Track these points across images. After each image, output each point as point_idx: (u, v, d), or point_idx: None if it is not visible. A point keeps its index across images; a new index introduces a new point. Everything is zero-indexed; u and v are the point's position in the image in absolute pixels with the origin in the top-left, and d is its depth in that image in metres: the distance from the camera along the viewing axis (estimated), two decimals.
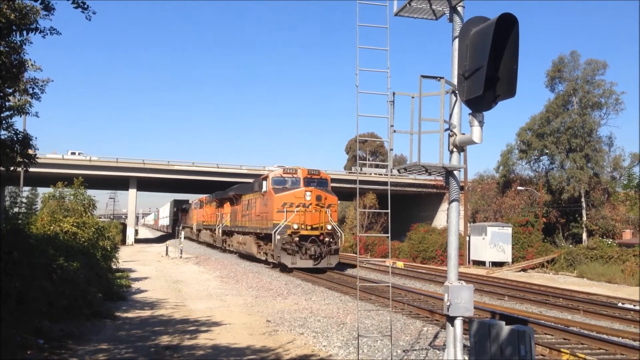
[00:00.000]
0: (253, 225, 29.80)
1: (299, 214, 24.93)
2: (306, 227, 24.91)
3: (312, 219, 25.04)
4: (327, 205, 25.66)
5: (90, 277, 13.96)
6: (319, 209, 25.15)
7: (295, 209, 25.00)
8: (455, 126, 6.24)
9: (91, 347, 9.77)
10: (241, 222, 33.37)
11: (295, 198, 25.37)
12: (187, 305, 15.14)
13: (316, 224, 25.09)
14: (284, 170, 27.35)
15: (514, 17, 5.60)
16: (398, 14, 6.92)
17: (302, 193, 25.44)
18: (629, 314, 16.40)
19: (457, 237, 6.35)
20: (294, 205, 25.16)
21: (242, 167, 58.81)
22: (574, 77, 47.20)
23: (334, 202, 26.89)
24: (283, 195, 25.60)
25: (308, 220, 24.96)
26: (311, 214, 25.03)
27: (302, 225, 24.88)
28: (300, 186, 26.04)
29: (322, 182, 26.97)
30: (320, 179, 26.99)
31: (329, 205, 25.85)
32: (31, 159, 10.51)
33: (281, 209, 25.17)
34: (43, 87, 11.55)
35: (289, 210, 25.06)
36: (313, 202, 25.22)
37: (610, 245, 34.48)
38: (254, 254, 29.90)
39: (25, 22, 9.03)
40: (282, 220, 24.95)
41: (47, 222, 16.16)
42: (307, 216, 24.95)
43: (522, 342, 6.10)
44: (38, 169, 26.24)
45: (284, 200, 25.37)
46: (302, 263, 24.68)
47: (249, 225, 30.89)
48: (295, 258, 24.69)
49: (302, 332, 11.51)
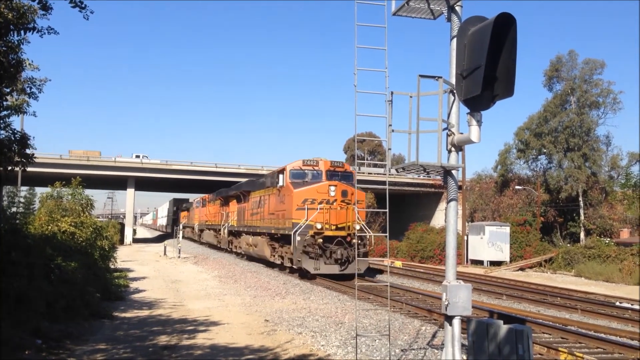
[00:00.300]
0: (266, 225, 26.64)
1: (322, 211, 21.70)
2: (331, 227, 21.66)
3: (337, 217, 21.86)
4: (354, 201, 22.36)
5: (88, 277, 13.95)
6: (344, 206, 21.98)
7: (318, 206, 21.83)
8: (453, 125, 6.24)
9: (89, 347, 9.76)
10: (250, 221, 30.39)
11: (317, 193, 22.18)
12: (185, 305, 15.13)
13: (342, 224, 21.89)
14: (304, 162, 23.71)
15: (512, 17, 5.61)
16: (396, 14, 6.92)
17: (325, 188, 22.19)
18: (626, 312, 16.42)
19: (455, 236, 6.36)
20: (316, 201, 22.05)
21: (241, 166, 58.79)
22: (571, 77, 47.22)
23: (362, 199, 24.11)
24: (303, 191, 22.47)
25: (333, 219, 21.77)
26: (336, 212, 21.81)
27: (327, 225, 21.60)
28: (322, 180, 22.86)
29: (347, 176, 23.69)
30: (345, 172, 23.71)
31: (356, 202, 22.58)
32: (29, 158, 10.52)
33: (301, 206, 22.01)
34: (41, 87, 11.57)
35: (311, 208, 21.92)
36: (338, 198, 22.15)
37: (608, 245, 34.53)
38: (266, 257, 26.76)
39: (23, 22, 9.03)
40: (302, 219, 21.81)
41: (45, 222, 16.14)
42: (332, 214, 21.72)
43: (520, 341, 6.11)
44: (36, 169, 26.24)
45: (304, 196, 22.28)
46: (327, 269, 21.35)
47: (261, 225, 27.63)
48: (319, 263, 21.42)
49: (301, 331, 11.51)
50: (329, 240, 21.56)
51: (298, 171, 23.55)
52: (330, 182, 22.54)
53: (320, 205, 21.88)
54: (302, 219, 21.79)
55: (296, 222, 21.95)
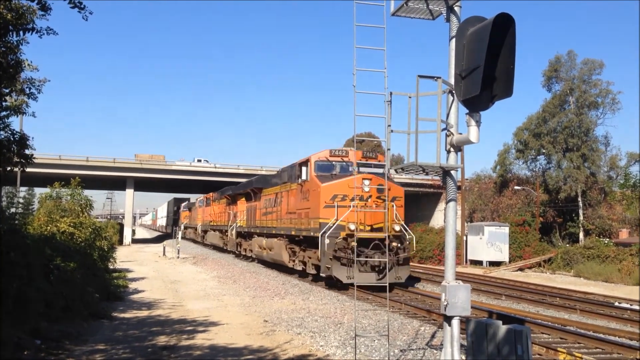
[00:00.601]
0: (284, 226, 23.49)
1: (355, 210, 18.61)
2: (365, 228, 18.62)
3: (373, 217, 18.70)
4: (391, 198, 19.59)
5: (87, 277, 13.95)
6: (380, 203, 18.76)
7: (351, 204, 18.74)
8: (452, 126, 6.25)
9: (88, 347, 9.76)
10: (263, 221, 27.41)
11: (348, 188, 18.86)
12: (184, 306, 15.13)
13: (379, 224, 18.64)
14: (331, 153, 20.62)
15: (510, 17, 5.62)
16: (395, 14, 6.93)
17: (358, 181, 18.63)
18: (625, 313, 16.44)
19: (454, 236, 6.37)
20: (347, 197, 18.94)
21: (240, 167, 58.85)
22: (570, 77, 47.23)
23: (400, 195, 20.52)
24: (332, 185, 19.24)
25: (368, 219, 18.70)
26: (372, 211, 18.69)
27: (361, 226, 18.51)
28: (353, 173, 19.67)
29: (381, 166, 20.06)
30: (378, 164, 20.19)
31: (393, 199, 19.72)
32: (28, 159, 10.51)
33: (330, 204, 18.89)
34: (40, 87, 11.56)
35: (342, 205, 18.82)
36: (373, 194, 18.88)
37: (607, 245, 34.55)
38: (284, 262, 23.47)
39: (22, 22, 9.02)
40: (331, 218, 18.65)
41: (44, 223, 16.13)
42: (368, 213, 18.66)
43: (519, 342, 6.12)
44: (35, 169, 26.22)
45: (333, 191, 19.09)
46: (362, 277, 17.90)
47: (278, 226, 24.50)
48: (352, 270, 18.14)
49: (300, 332, 11.51)
50: (364, 243, 18.14)
51: (325, 163, 20.47)
52: (364, 175, 19.16)
53: (353, 203, 18.67)
54: (331, 219, 18.69)
55: (324, 222, 18.82)
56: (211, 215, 45.13)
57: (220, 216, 40.73)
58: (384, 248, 17.56)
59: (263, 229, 27.23)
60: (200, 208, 52.61)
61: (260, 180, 29.91)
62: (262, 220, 27.52)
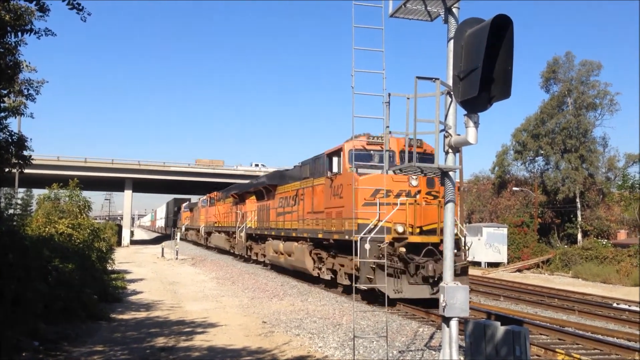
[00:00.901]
0: (308, 228, 20.01)
1: (403, 208, 15.32)
2: (415, 231, 15.32)
3: (424, 216, 15.48)
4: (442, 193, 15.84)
5: (86, 278, 13.93)
6: (430, 200, 15.77)
7: (398, 201, 15.41)
8: (450, 127, 6.26)
9: (86, 348, 9.75)
10: (279, 222, 24.14)
11: (392, 183, 15.58)
12: (182, 307, 15.12)
13: (431, 225, 15.48)
14: (368, 140, 16.99)
15: (508, 19, 5.63)
16: (393, 15, 6.94)
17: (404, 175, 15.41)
18: (623, 314, 16.46)
19: (452, 238, 6.37)
20: (391, 193, 15.53)
21: (238, 168, 58.95)
22: (568, 78, 47.32)
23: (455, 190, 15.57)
24: (372, 178, 15.74)
25: (419, 220, 15.37)
26: (423, 209, 15.47)
27: (409, 228, 15.34)
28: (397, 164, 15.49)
29: (427, 159, 15.03)
30: (424, 154, 16.02)
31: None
32: (26, 160, 10.51)
33: (371, 201, 15.43)
34: (38, 88, 11.58)
35: (385, 203, 15.37)
36: (422, 188, 15.84)
37: (605, 246, 34.60)
38: (307, 269, 20.21)
39: (20, 23, 9.03)
40: (372, 218, 15.15)
41: (42, 224, 16.11)
42: (418, 212, 15.37)
43: (517, 343, 6.12)
44: (33, 170, 26.17)
45: (375, 185, 15.55)
46: (413, 291, 14.97)
47: (300, 227, 21.03)
48: (401, 282, 14.97)
49: (298, 333, 11.51)
50: (413, 249, 15.11)
51: (362, 152, 16.87)
52: None
53: (400, 199, 15.49)
54: (372, 219, 15.16)
55: (364, 222, 15.24)
56: (216, 215, 42.30)
57: (226, 217, 37.96)
58: (439, 255, 14.59)
59: (279, 231, 24.02)
60: (203, 208, 49.59)
61: (275, 177, 26.28)
62: (278, 221, 24.42)
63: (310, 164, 20.69)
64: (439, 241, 14.53)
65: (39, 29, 9.27)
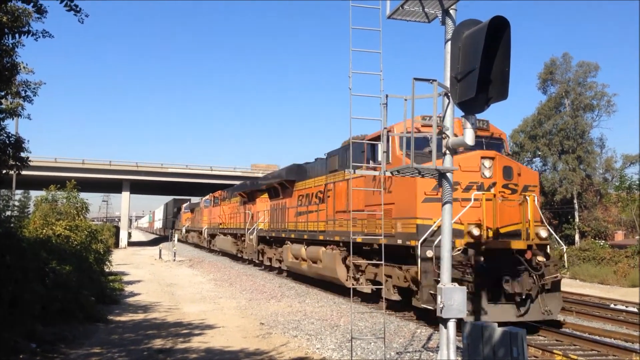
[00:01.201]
0: (341, 230, 16.73)
1: (477, 205, 12.09)
2: (496, 234, 12.09)
3: (506, 215, 12.35)
4: (522, 187, 12.95)
5: (83, 280, 13.91)
6: (510, 194, 12.65)
7: (472, 196, 12.16)
8: (448, 128, 6.27)
9: (84, 350, 9.74)
10: (301, 223, 20.99)
11: (460, 173, 11.92)
12: (180, 309, 15.10)
13: (512, 227, 12.42)
14: (423, 122, 12.45)
15: (505, 20, 5.65)
16: (391, 17, 6.95)
17: (474, 161, 12.47)
18: (621, 315, 16.46)
19: (450, 239, 6.38)
20: (459, 187, 12.12)
21: (236, 169, 59.03)
22: (565, 79, 47.39)
23: (535, 182, 13.79)
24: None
25: (499, 219, 12.16)
26: (503, 206, 12.30)
27: (488, 230, 12.04)
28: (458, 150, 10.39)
29: (496, 144, 13.90)
30: (492, 138, 13.92)
31: (525, 188, 12.99)
32: (23, 162, 10.49)
33: (433, 196, 12.03)
34: (35, 90, 11.56)
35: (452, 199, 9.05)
36: (499, 180, 12.54)
37: (602, 247, 34.62)
38: (339, 280, 16.94)
39: (18, 25, 9.02)
40: (435, 217, 11.73)
41: (40, 226, 16.10)
42: (499, 210, 12.19)
43: (515, 344, 6.14)
44: (30, 172, 26.14)
45: None
46: (494, 313, 11.67)
47: (330, 229, 17.69)
48: (480, 301, 11.72)
49: (296, 334, 11.50)
50: (493, 257, 11.78)
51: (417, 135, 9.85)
52: (482, 152, 12.77)
53: (473, 194, 12.18)
54: (434, 219, 11.80)
55: (424, 224, 12.15)
56: (220, 216, 39.01)
57: (233, 217, 34.84)
58: (526, 265, 12.00)
59: (301, 234, 20.69)
60: (206, 209, 46.29)
61: (292, 171, 22.93)
62: (298, 222, 21.39)
63: (340, 154, 17.45)
64: (526, 247, 12.11)
65: (37, 31, 9.28)
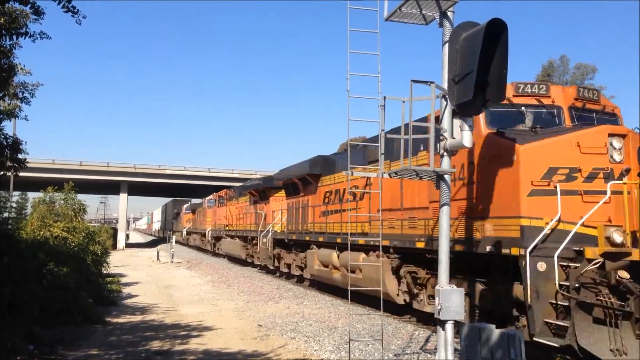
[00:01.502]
0: (394, 232, 13.09)
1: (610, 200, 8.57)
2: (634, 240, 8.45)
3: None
4: None
5: (81, 282, 13.90)
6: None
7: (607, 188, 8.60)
8: (445, 130, 6.28)
9: (81, 352, 9.72)
10: (329, 224, 17.73)
11: (580, 156, 8.87)
12: (178, 310, 15.08)
13: None
14: (516, 89, 10.05)
15: (503, 23, 5.67)
16: (389, 19, 6.97)
17: (599, 139, 8.99)
18: None
19: (448, 241, 6.39)
20: (579, 174, 8.82)
21: (234, 171, 59.02)
22: (563, 82, 47.57)
23: None
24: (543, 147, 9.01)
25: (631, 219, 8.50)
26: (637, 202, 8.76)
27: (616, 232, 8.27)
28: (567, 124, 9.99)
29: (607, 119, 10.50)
30: (604, 113, 10.68)
31: None
32: (21, 163, 10.49)
33: (543, 186, 8.76)
34: (33, 91, 11.58)
35: (569, 191, 8.71)
36: (634, 166, 8.95)
37: None
38: (388, 294, 13.23)
39: (15, 26, 9.02)
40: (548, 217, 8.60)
41: (37, 227, 16.08)
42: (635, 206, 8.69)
43: (512, 345, 6.14)
44: (28, 174, 26.14)
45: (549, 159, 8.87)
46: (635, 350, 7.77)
47: (372, 232, 14.41)
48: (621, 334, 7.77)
49: (294, 336, 11.49)
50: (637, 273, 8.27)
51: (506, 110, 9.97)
52: (610, 127, 9.42)
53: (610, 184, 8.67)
54: (546, 218, 8.64)
55: (532, 225, 8.72)
56: (227, 217, 35.63)
57: (242, 218, 31.39)
58: None
59: (333, 237, 17.17)
60: (210, 209, 43.08)
61: (318, 164, 19.41)
62: (326, 223, 17.99)
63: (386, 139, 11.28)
64: None
65: (34, 32, 9.27)
